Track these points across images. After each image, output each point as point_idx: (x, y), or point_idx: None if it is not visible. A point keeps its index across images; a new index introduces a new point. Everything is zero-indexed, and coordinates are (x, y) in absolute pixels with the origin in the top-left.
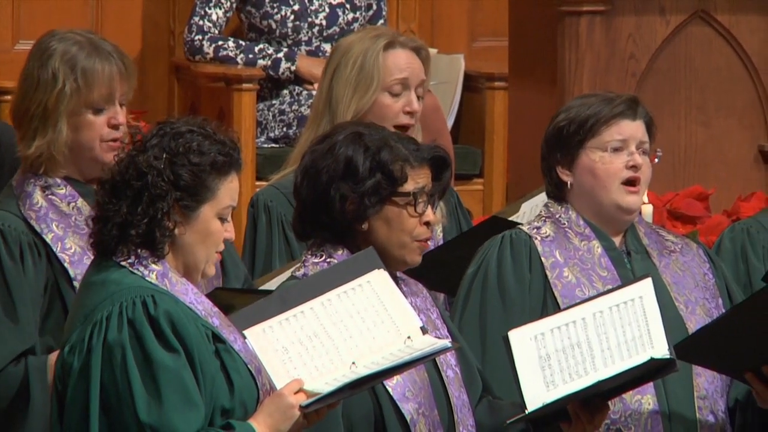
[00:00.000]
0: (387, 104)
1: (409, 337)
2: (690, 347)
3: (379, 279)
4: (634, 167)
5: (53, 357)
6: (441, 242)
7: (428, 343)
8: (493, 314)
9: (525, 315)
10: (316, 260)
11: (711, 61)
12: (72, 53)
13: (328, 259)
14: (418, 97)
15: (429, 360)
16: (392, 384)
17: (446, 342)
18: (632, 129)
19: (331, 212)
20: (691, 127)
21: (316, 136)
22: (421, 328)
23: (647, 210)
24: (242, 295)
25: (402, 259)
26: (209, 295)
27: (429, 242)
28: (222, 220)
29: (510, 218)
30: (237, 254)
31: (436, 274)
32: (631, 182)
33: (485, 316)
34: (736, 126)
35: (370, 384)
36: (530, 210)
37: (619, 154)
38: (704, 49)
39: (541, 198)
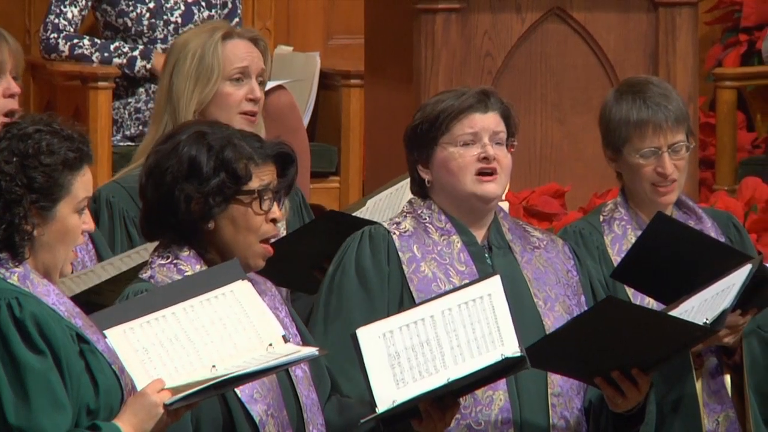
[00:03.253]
0: (229, 93)
1: (270, 344)
2: (539, 353)
3: (242, 289)
4: (486, 159)
5: None
6: None
7: (291, 350)
8: (356, 307)
9: (386, 307)
10: (162, 262)
11: (567, 59)
12: None
13: (175, 261)
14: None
15: (294, 365)
16: (240, 386)
17: (313, 350)
18: (483, 121)
19: (176, 213)
20: (547, 124)
21: (159, 134)
22: (282, 336)
23: (503, 207)
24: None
25: (245, 262)
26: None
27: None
28: (79, 213)
29: (354, 213)
30: None
31: (278, 270)
32: (485, 173)
33: (348, 310)
34: (592, 123)
35: (235, 385)
36: (374, 205)
37: (471, 147)
38: (560, 47)
39: (386, 194)
